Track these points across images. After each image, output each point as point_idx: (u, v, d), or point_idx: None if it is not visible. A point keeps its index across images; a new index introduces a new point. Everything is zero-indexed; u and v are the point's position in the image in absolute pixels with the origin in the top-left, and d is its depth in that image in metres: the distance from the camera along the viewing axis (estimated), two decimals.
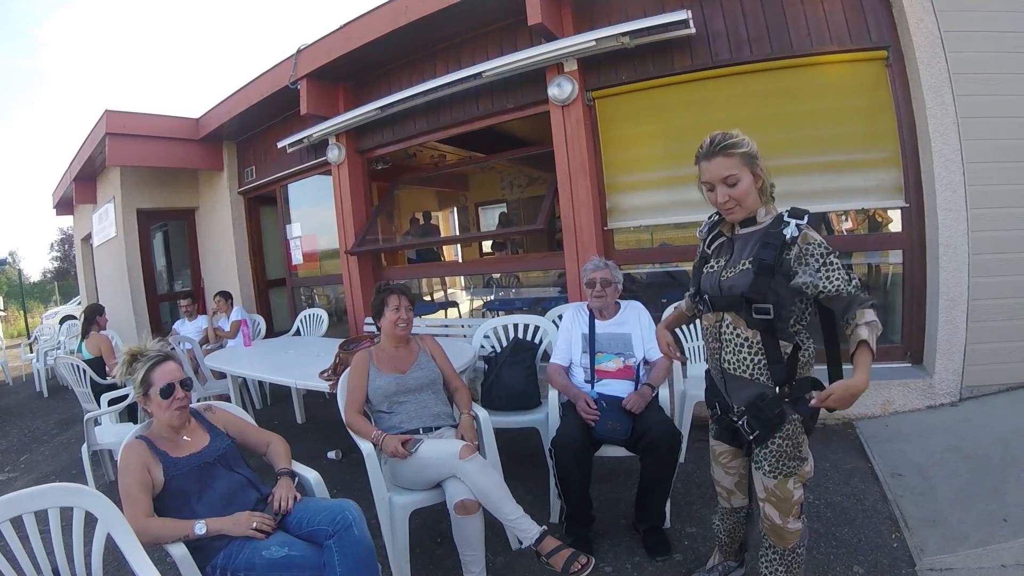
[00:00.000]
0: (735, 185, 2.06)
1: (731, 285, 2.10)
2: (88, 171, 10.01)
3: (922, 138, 4.27)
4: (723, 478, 2.45)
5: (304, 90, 6.71)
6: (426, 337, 3.67)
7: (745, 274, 2.05)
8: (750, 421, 2.13)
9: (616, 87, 5.20)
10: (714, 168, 2.08)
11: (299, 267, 8.84)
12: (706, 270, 2.25)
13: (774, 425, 2.08)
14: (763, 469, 2.14)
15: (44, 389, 9.14)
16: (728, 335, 2.16)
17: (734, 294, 2.08)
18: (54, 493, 2.09)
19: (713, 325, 2.22)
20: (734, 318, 2.13)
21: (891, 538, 2.98)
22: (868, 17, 4.42)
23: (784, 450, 2.10)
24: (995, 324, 4.13)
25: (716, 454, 2.44)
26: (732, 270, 2.12)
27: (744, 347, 2.11)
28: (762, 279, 2.00)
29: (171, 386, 2.51)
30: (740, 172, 2.05)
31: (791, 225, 1.99)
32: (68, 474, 5.11)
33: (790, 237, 1.98)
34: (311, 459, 4.10)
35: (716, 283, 2.17)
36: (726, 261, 2.17)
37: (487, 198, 12.30)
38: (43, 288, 33.45)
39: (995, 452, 3.46)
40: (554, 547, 2.65)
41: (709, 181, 2.11)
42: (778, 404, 2.07)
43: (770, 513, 2.17)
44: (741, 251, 2.13)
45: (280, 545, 2.31)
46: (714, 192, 2.12)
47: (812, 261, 1.95)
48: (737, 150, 2.05)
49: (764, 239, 2.05)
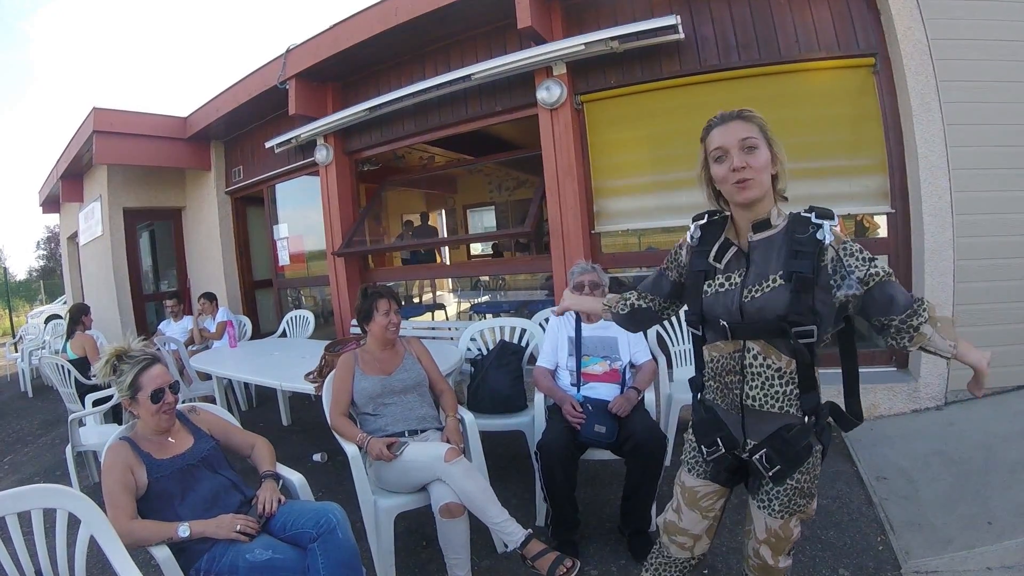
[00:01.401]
0: (754, 151, 1.71)
1: (761, 307, 1.72)
2: (75, 169, 9.94)
3: (908, 145, 4.30)
4: (695, 524, 1.99)
5: (293, 90, 6.68)
6: (412, 339, 3.66)
7: (778, 292, 1.70)
8: (770, 456, 1.77)
9: (604, 91, 5.21)
10: (731, 130, 1.73)
11: (286, 268, 8.81)
12: (711, 289, 1.84)
13: (800, 459, 1.77)
14: (770, 509, 1.86)
15: (29, 389, 9.05)
16: (756, 367, 1.77)
17: (766, 318, 1.72)
18: (36, 494, 2.08)
19: (730, 356, 1.82)
20: (764, 347, 1.75)
21: (876, 541, 2.99)
22: (856, 24, 4.45)
23: (800, 487, 1.82)
24: (980, 329, 4.15)
25: (697, 496, 1.98)
26: (757, 288, 1.74)
27: (776, 379, 1.76)
28: (803, 296, 1.67)
29: (161, 391, 2.50)
30: (759, 140, 1.72)
31: (824, 227, 1.69)
32: (52, 475, 5.07)
33: (827, 242, 1.67)
34: (296, 461, 4.09)
35: (734, 306, 1.77)
36: (741, 277, 1.79)
37: (475, 201, 12.30)
38: (29, 287, 33.20)
39: (979, 456, 3.49)
40: (539, 550, 2.64)
41: (722, 146, 1.74)
42: (806, 435, 1.75)
43: (763, 553, 1.93)
44: (764, 263, 1.76)
45: (264, 548, 2.30)
46: (724, 162, 1.74)
47: (854, 262, 1.66)
48: (756, 117, 1.75)
49: (792, 246, 1.71)
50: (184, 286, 10.02)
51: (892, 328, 1.68)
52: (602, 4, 5.15)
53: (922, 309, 1.65)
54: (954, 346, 1.69)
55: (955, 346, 1.69)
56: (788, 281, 1.68)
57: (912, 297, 1.67)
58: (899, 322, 1.66)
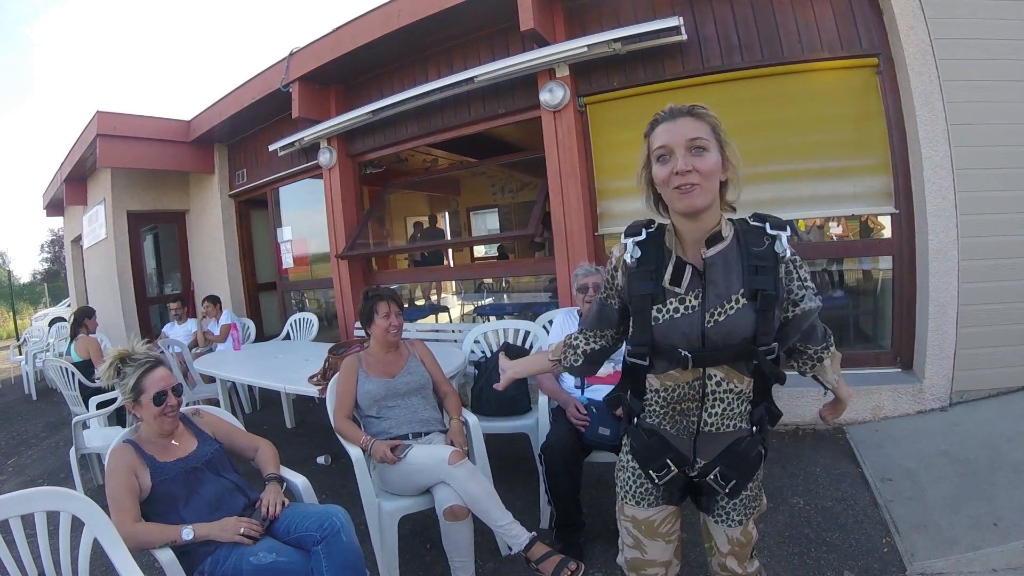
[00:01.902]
0: (703, 153, 1.49)
1: (729, 331, 1.55)
2: (79, 172, 9.98)
3: (912, 144, 4.29)
4: (662, 552, 1.85)
5: (296, 93, 6.69)
6: (416, 342, 3.66)
7: (743, 312, 1.54)
8: (725, 473, 1.66)
9: (607, 93, 5.21)
10: (679, 127, 1.52)
11: (289, 271, 8.83)
12: (662, 315, 1.61)
13: (754, 469, 1.70)
14: (729, 521, 1.78)
15: (33, 392, 9.08)
16: (719, 394, 1.62)
17: (732, 342, 1.56)
18: (40, 497, 2.08)
19: (688, 384, 1.64)
20: (727, 373, 1.60)
21: (881, 543, 2.98)
22: (859, 24, 4.44)
23: (752, 492, 1.77)
24: (984, 329, 4.15)
25: (655, 526, 1.84)
26: (720, 310, 1.56)
27: (735, 402, 1.63)
28: (769, 315, 1.54)
29: (164, 393, 2.50)
30: (710, 141, 1.51)
31: (781, 239, 1.56)
32: (56, 477, 5.07)
33: (787, 255, 1.56)
34: (300, 464, 4.08)
35: (696, 333, 1.57)
36: (698, 299, 1.58)
37: (478, 203, 12.29)
38: (32, 289, 33.27)
39: (984, 456, 3.47)
40: (544, 553, 2.64)
41: (667, 144, 1.51)
42: (756, 445, 1.67)
43: (731, 565, 1.83)
44: (723, 282, 1.57)
45: (267, 551, 2.30)
46: (667, 163, 1.52)
47: (804, 274, 1.60)
48: (708, 115, 1.55)
49: (751, 261, 1.55)
50: (188, 289, 10.05)
51: (805, 355, 1.82)
52: (604, 6, 5.15)
53: (831, 343, 1.79)
54: (838, 380, 1.87)
55: (838, 380, 1.87)
56: (751, 300, 1.54)
57: (825, 329, 1.78)
58: (813, 352, 1.80)
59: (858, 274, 5.30)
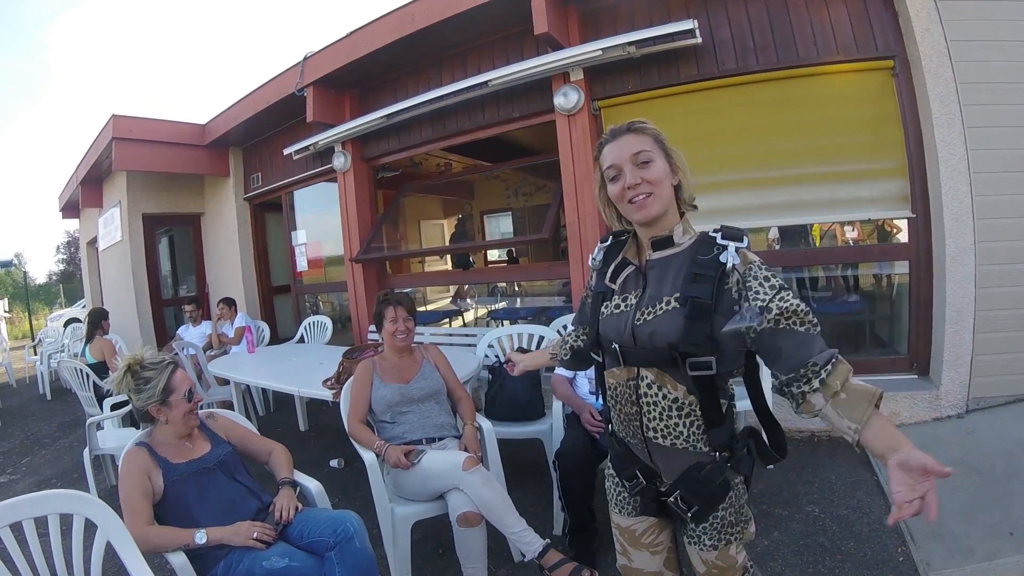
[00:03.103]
0: (648, 164, 1.60)
1: (652, 332, 1.57)
2: (94, 175, 10.04)
3: (929, 148, 4.25)
4: (647, 562, 1.83)
5: (310, 97, 6.71)
6: (430, 347, 3.66)
7: (671, 316, 1.54)
8: (686, 497, 1.63)
9: (622, 96, 5.19)
10: (622, 145, 1.63)
11: (304, 274, 8.85)
12: (606, 310, 1.71)
13: (718, 497, 1.64)
14: (701, 544, 1.71)
15: (47, 392, 9.16)
16: (650, 397, 1.61)
17: (657, 344, 1.56)
18: (54, 500, 2.10)
19: (625, 384, 1.66)
20: (657, 375, 1.59)
21: (897, 552, 2.95)
22: (874, 27, 4.41)
23: (727, 519, 1.68)
24: (1002, 336, 4.11)
25: (636, 535, 1.82)
26: (649, 311, 1.59)
27: (673, 411, 1.59)
28: (698, 324, 1.50)
29: (191, 390, 2.57)
30: (654, 152, 1.61)
31: (729, 249, 1.52)
32: (69, 478, 5.11)
33: (730, 265, 1.51)
34: (313, 467, 4.10)
35: (627, 329, 1.63)
36: (637, 298, 1.65)
37: (492, 207, 12.27)
38: (48, 290, 33.59)
39: (1001, 465, 3.44)
40: (557, 560, 2.64)
41: (615, 164, 1.63)
42: (720, 473, 1.61)
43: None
44: (659, 284, 1.62)
45: (281, 555, 2.31)
46: (618, 181, 1.63)
47: (756, 285, 1.48)
48: (648, 128, 1.65)
49: (692, 268, 1.55)
50: (203, 291, 10.10)
51: (780, 386, 1.49)
52: (619, 9, 5.14)
53: (815, 374, 1.40)
54: (857, 430, 1.35)
55: (859, 430, 1.35)
56: (683, 306, 1.53)
57: (817, 354, 1.41)
58: (784, 382, 1.46)
59: (874, 279, 5.26)
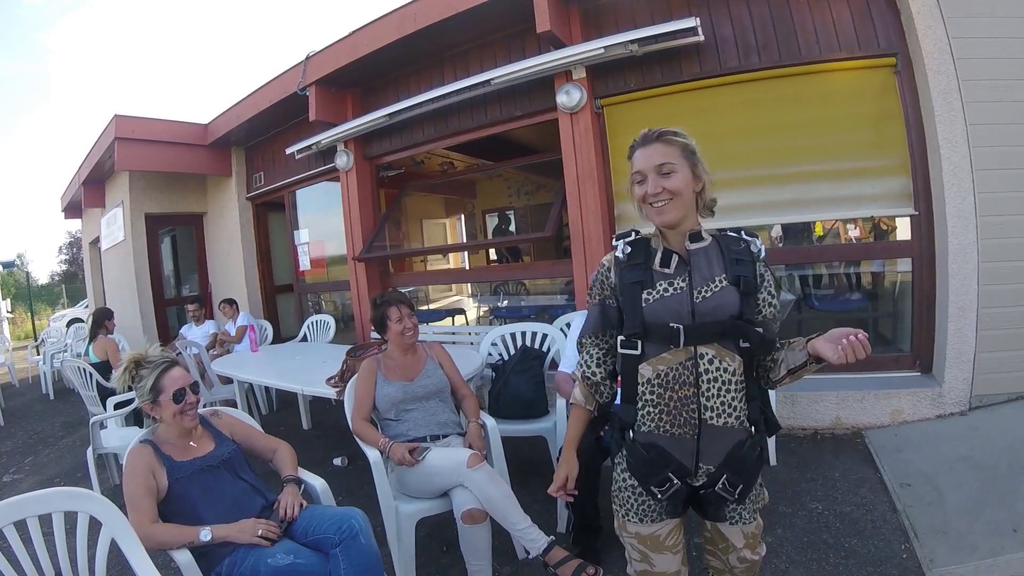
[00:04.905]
0: (671, 175, 1.72)
1: (716, 306, 1.68)
2: (97, 175, 10.05)
3: (931, 145, 4.25)
4: (670, 564, 1.86)
5: (312, 97, 6.72)
6: (434, 344, 3.67)
7: (727, 292, 1.69)
8: (731, 479, 1.71)
9: (624, 94, 5.19)
10: (650, 154, 1.77)
11: (306, 273, 8.87)
12: (652, 296, 1.73)
13: (757, 471, 1.77)
14: (743, 520, 1.83)
15: (50, 391, 9.19)
16: (712, 373, 1.68)
17: (720, 317, 1.67)
18: (59, 498, 2.10)
19: (681, 365, 1.69)
20: (718, 351, 1.68)
21: (900, 549, 2.96)
22: (876, 24, 4.41)
23: (756, 490, 1.83)
24: (1005, 332, 4.10)
25: (661, 540, 1.84)
26: (706, 288, 1.70)
27: (732, 385, 1.69)
28: (749, 299, 1.70)
29: (183, 391, 2.52)
30: (678, 163, 1.73)
31: (756, 241, 1.78)
32: (73, 477, 5.13)
33: (762, 254, 1.77)
34: (317, 465, 4.10)
35: (686, 308, 1.69)
36: (686, 281, 1.72)
37: (495, 205, 12.24)
38: (51, 291, 33.62)
39: (1004, 461, 3.44)
40: (562, 557, 2.64)
41: (641, 171, 1.78)
42: (757, 446, 1.74)
43: (748, 556, 1.87)
44: (707, 267, 1.74)
45: (286, 553, 2.31)
46: (643, 185, 1.77)
47: (773, 281, 1.79)
48: (677, 139, 1.77)
49: (731, 255, 1.74)
50: (206, 291, 10.12)
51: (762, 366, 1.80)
52: (621, 7, 5.13)
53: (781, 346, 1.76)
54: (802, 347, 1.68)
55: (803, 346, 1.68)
56: (735, 284, 1.70)
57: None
58: (769, 360, 1.79)
59: (877, 276, 5.26)
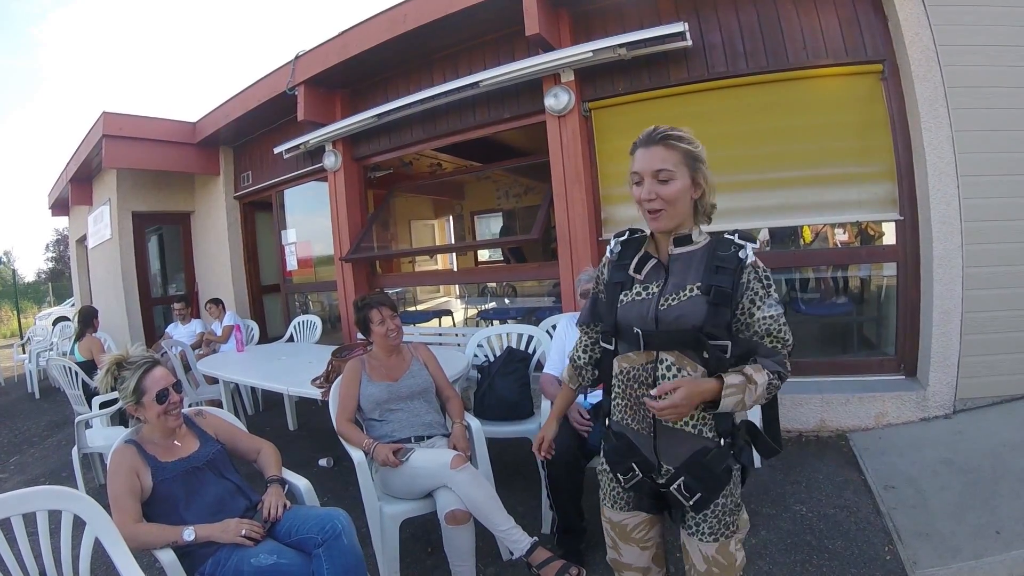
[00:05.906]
0: (667, 183, 1.67)
1: (678, 316, 1.67)
2: (84, 173, 9.99)
3: (917, 151, 4.29)
4: (637, 557, 1.91)
5: (301, 96, 6.71)
6: (419, 345, 3.67)
7: (695, 302, 1.67)
8: (689, 483, 1.70)
9: (612, 98, 5.21)
10: (649, 157, 1.69)
11: (294, 273, 8.86)
12: (626, 298, 1.78)
13: (721, 484, 1.72)
14: (700, 534, 1.77)
15: (36, 390, 9.09)
16: (668, 378, 1.67)
17: (682, 327, 1.67)
18: (42, 496, 2.09)
19: (643, 367, 1.73)
20: (677, 358, 1.68)
21: (884, 551, 2.97)
22: (864, 31, 4.44)
23: (726, 507, 1.75)
24: (989, 337, 4.14)
25: (627, 530, 1.90)
26: (674, 297, 1.70)
27: None
28: (720, 310, 1.65)
29: (166, 391, 2.50)
30: (677, 170, 1.68)
31: (747, 248, 1.69)
32: (58, 476, 5.08)
33: (749, 261, 1.67)
34: (302, 466, 4.08)
35: (651, 313, 1.71)
36: (659, 287, 1.74)
37: (483, 207, 12.27)
38: (37, 289, 33.32)
39: (988, 465, 3.47)
40: (545, 558, 2.65)
41: (639, 172, 1.71)
42: (724, 459, 1.70)
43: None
44: (682, 274, 1.73)
45: (269, 553, 2.30)
46: (640, 187, 1.72)
47: (760, 290, 1.67)
48: (681, 144, 1.69)
49: (713, 262, 1.69)
50: (192, 290, 10.07)
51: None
52: (610, 11, 5.16)
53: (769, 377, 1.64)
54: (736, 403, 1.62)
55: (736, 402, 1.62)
56: (706, 294, 1.67)
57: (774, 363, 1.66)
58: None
59: (863, 281, 5.29)
